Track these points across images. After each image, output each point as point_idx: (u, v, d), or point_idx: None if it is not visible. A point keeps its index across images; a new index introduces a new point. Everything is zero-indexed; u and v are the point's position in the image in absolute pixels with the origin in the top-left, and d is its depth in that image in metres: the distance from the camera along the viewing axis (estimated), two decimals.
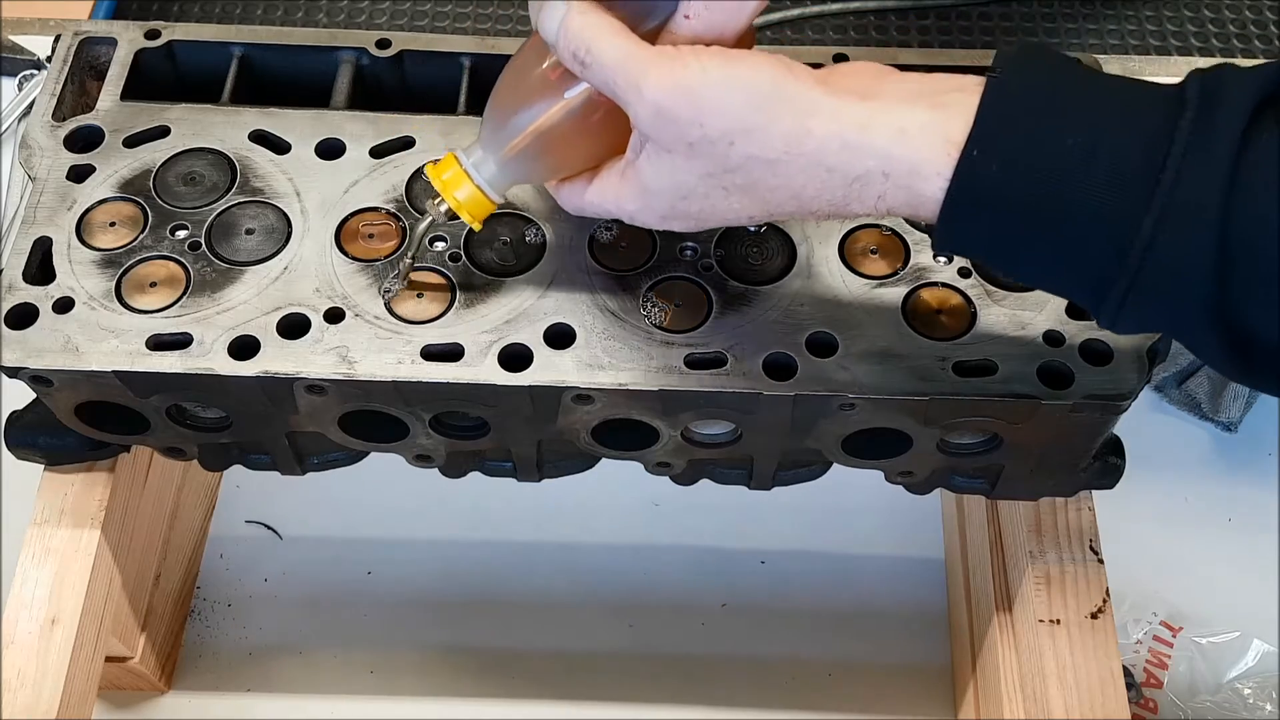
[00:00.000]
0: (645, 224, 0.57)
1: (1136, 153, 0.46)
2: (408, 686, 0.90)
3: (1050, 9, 1.23)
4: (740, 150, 0.51)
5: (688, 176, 0.53)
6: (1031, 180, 0.47)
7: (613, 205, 0.57)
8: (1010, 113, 0.48)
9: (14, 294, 0.65)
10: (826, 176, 0.51)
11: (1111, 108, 0.47)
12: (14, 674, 0.70)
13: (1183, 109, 0.46)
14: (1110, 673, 0.71)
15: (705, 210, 0.54)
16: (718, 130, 0.51)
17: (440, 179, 0.61)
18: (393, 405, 0.66)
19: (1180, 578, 0.91)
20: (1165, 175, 0.45)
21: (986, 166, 0.48)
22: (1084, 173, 0.46)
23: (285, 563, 0.95)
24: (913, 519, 0.95)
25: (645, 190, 0.55)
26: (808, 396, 0.63)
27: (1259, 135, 0.45)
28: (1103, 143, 0.46)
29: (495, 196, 0.61)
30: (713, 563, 0.95)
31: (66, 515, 0.74)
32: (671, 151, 0.52)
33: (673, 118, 0.51)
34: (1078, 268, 0.48)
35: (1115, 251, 0.46)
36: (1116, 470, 0.72)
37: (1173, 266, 0.46)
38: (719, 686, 0.90)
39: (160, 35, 0.75)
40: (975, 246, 0.52)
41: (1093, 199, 0.46)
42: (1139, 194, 0.45)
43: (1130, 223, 0.46)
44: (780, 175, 0.51)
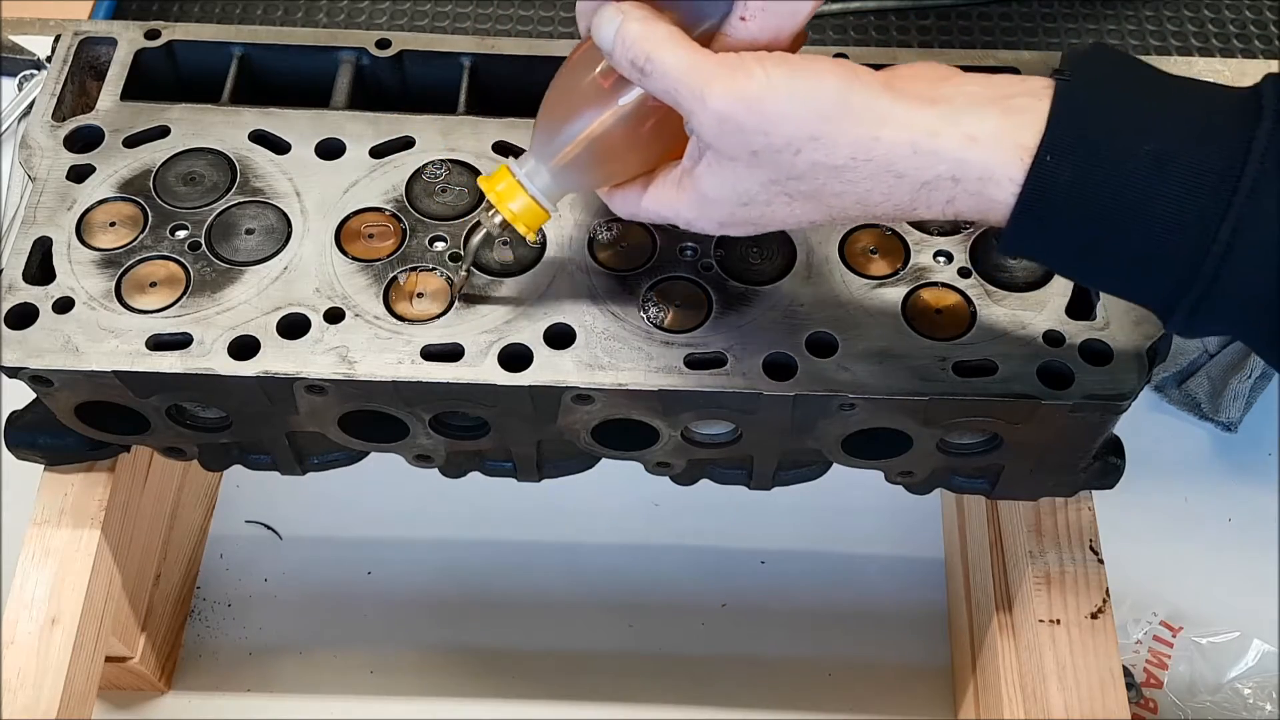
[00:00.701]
0: (703, 230, 0.56)
1: (1213, 161, 0.46)
2: (408, 686, 0.90)
3: (1050, 9, 1.23)
4: (806, 158, 0.50)
5: (750, 185, 0.52)
6: (1106, 187, 0.47)
7: (669, 212, 0.57)
8: (1084, 118, 0.48)
9: (14, 294, 0.65)
10: (895, 182, 0.50)
11: (1186, 113, 0.47)
12: (14, 674, 0.70)
13: (1259, 117, 0.46)
14: (1110, 673, 0.71)
15: (765, 216, 0.54)
16: (783, 139, 0.50)
17: (494, 191, 0.60)
18: (393, 405, 0.66)
19: (1180, 578, 0.91)
20: (1243, 184, 0.45)
21: (1061, 172, 0.48)
22: (1160, 180, 0.46)
23: (285, 563, 0.95)
24: (913, 519, 0.95)
25: (704, 199, 0.54)
26: (808, 396, 0.63)
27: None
28: (1179, 150, 0.46)
29: (549, 206, 0.60)
30: (713, 563, 0.95)
31: (66, 515, 0.74)
32: (735, 160, 0.52)
33: (738, 127, 0.50)
34: (1151, 275, 0.48)
35: (1191, 259, 0.46)
36: (1116, 470, 0.72)
37: (1249, 276, 0.46)
38: (719, 686, 0.90)
39: (160, 35, 0.75)
40: (1045, 252, 0.51)
41: (1169, 207, 0.46)
42: (1216, 202, 0.45)
43: (1207, 231, 0.46)
44: (846, 182, 0.51)
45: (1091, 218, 0.48)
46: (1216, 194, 0.45)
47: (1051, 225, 0.49)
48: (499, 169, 0.60)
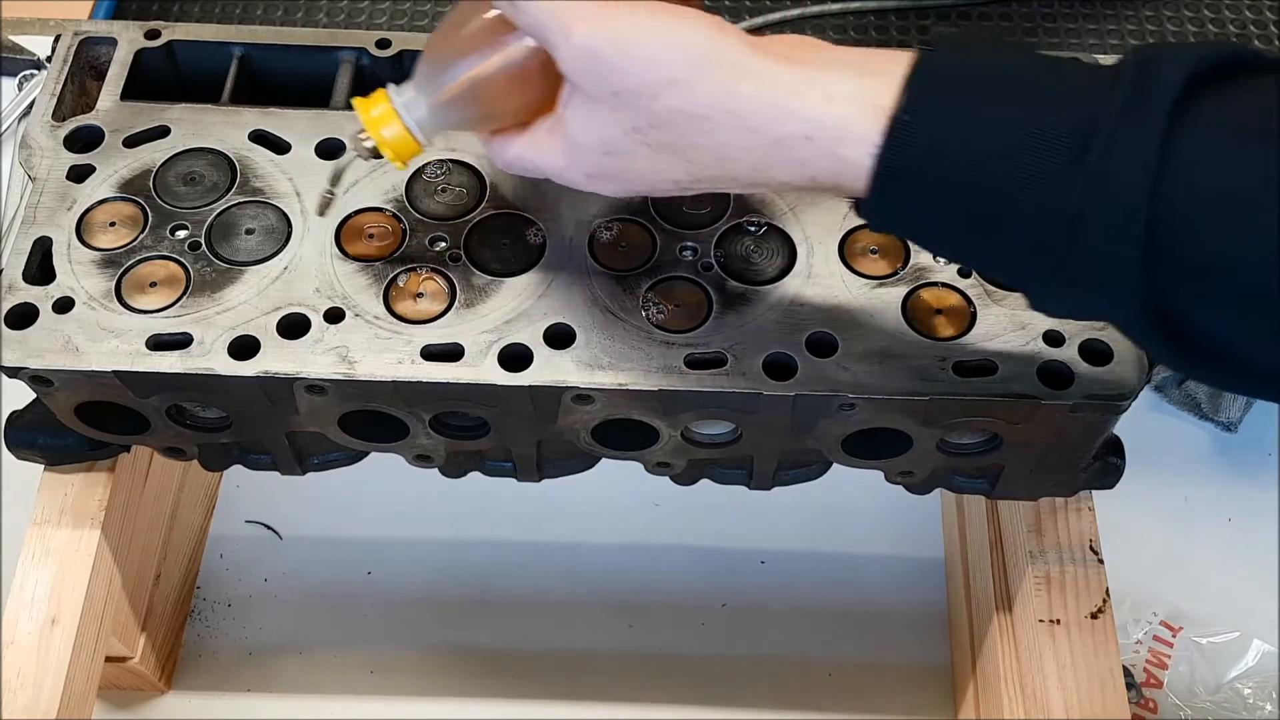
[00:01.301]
0: (572, 183, 0.57)
1: (1069, 126, 0.45)
2: (408, 686, 0.90)
3: (1050, 9, 1.23)
4: (665, 103, 0.51)
5: (613, 130, 0.53)
6: (964, 150, 0.47)
7: (541, 160, 0.57)
8: (946, 83, 0.48)
9: (14, 294, 0.65)
10: (750, 137, 0.50)
11: (1048, 82, 0.47)
12: (14, 674, 0.70)
13: (1116, 85, 0.45)
14: (1110, 673, 0.71)
15: (631, 169, 0.54)
16: (644, 81, 0.50)
17: (368, 114, 0.59)
18: (393, 405, 0.66)
19: (1180, 578, 0.91)
20: (1095, 145, 0.44)
21: (921, 134, 0.47)
22: (1018, 144, 0.46)
23: (285, 563, 0.95)
24: (913, 519, 0.95)
25: (572, 144, 0.55)
26: (808, 396, 0.63)
27: (1185, 119, 0.44)
28: (1037, 116, 0.46)
29: (423, 139, 0.60)
30: (713, 563, 0.95)
31: (66, 515, 0.74)
32: (598, 101, 0.52)
33: (600, 64, 0.51)
34: (1008, 241, 0.47)
35: (1044, 222, 0.45)
36: (1116, 470, 0.72)
37: (1101, 244, 0.45)
38: (719, 686, 0.90)
39: (160, 35, 0.75)
40: (905, 220, 0.51)
41: (1024, 169, 0.45)
42: (1069, 165, 0.45)
43: (1059, 194, 0.45)
44: (704, 133, 0.51)
45: (952, 182, 0.47)
46: (1070, 156, 0.45)
47: (912, 189, 0.49)
48: (378, 91, 0.60)
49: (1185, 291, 0.45)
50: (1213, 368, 0.48)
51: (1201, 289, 0.44)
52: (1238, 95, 0.44)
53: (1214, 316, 0.45)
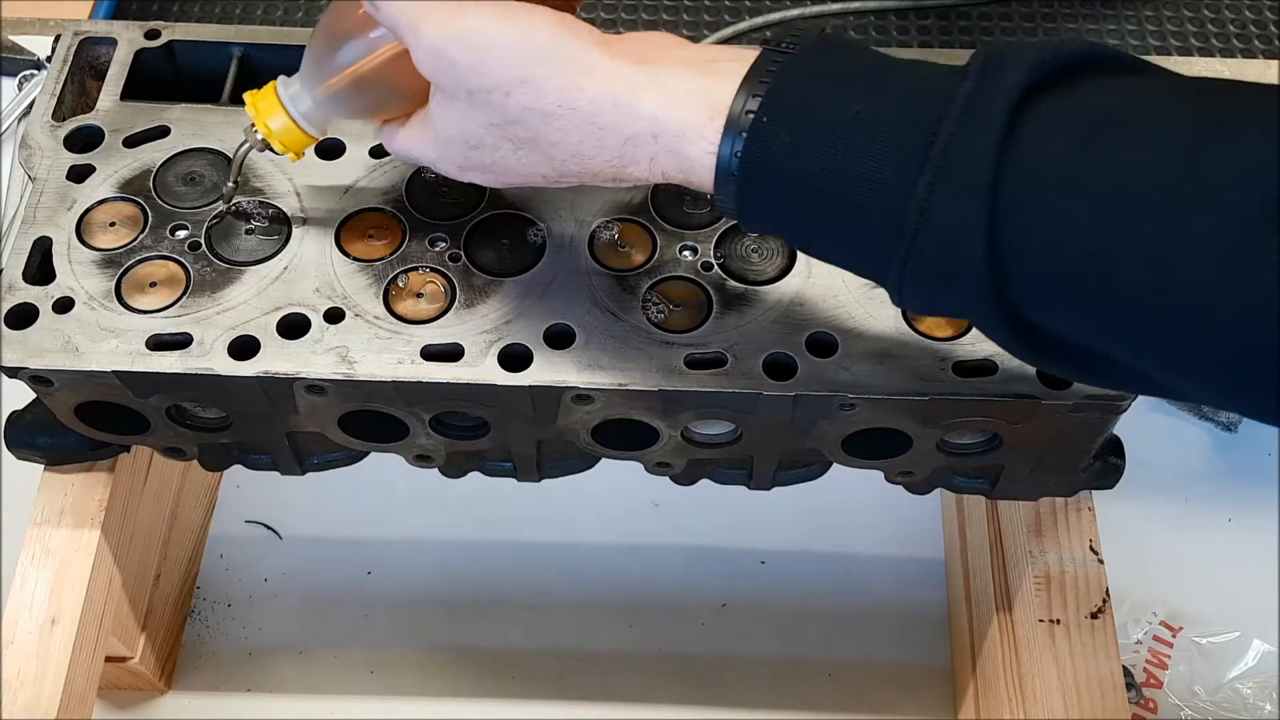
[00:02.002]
0: (448, 174, 0.58)
1: (915, 120, 0.45)
2: (408, 686, 0.90)
3: (1050, 9, 1.23)
4: (516, 101, 0.52)
5: (474, 126, 0.54)
6: (815, 150, 0.47)
7: (417, 151, 0.59)
8: (794, 81, 0.48)
9: (14, 294, 0.65)
10: (600, 135, 0.52)
11: (898, 80, 0.47)
12: (14, 674, 0.70)
13: (962, 83, 0.45)
14: (1110, 673, 0.71)
15: (499, 163, 0.55)
16: (493, 80, 0.51)
17: (255, 106, 0.61)
18: (393, 405, 0.66)
19: (1180, 578, 0.91)
20: (939, 140, 0.44)
21: (776, 134, 0.48)
22: (865, 141, 0.46)
23: (285, 563, 0.95)
24: (913, 519, 0.95)
25: (439, 138, 0.56)
26: (808, 396, 0.63)
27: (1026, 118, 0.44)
28: (886, 111, 0.46)
29: (311, 130, 0.61)
30: (713, 563, 0.95)
31: (66, 515, 0.74)
32: (455, 99, 0.53)
33: (450, 63, 0.52)
34: (860, 237, 0.48)
35: (894, 219, 0.45)
36: (1116, 470, 0.72)
37: (949, 237, 0.44)
38: (719, 686, 0.90)
39: (160, 35, 0.75)
40: (759, 219, 0.51)
41: (873, 166, 0.46)
42: (916, 158, 0.45)
43: (907, 187, 0.45)
44: (557, 130, 0.52)
45: (803, 183, 0.48)
46: (915, 151, 0.45)
47: (756, 191, 0.49)
48: (268, 84, 0.61)
49: (1027, 289, 0.45)
50: (1064, 363, 0.48)
51: (1040, 287, 0.44)
52: (1080, 95, 0.44)
53: (1054, 314, 0.45)
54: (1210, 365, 0.42)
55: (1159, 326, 0.42)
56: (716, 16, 1.35)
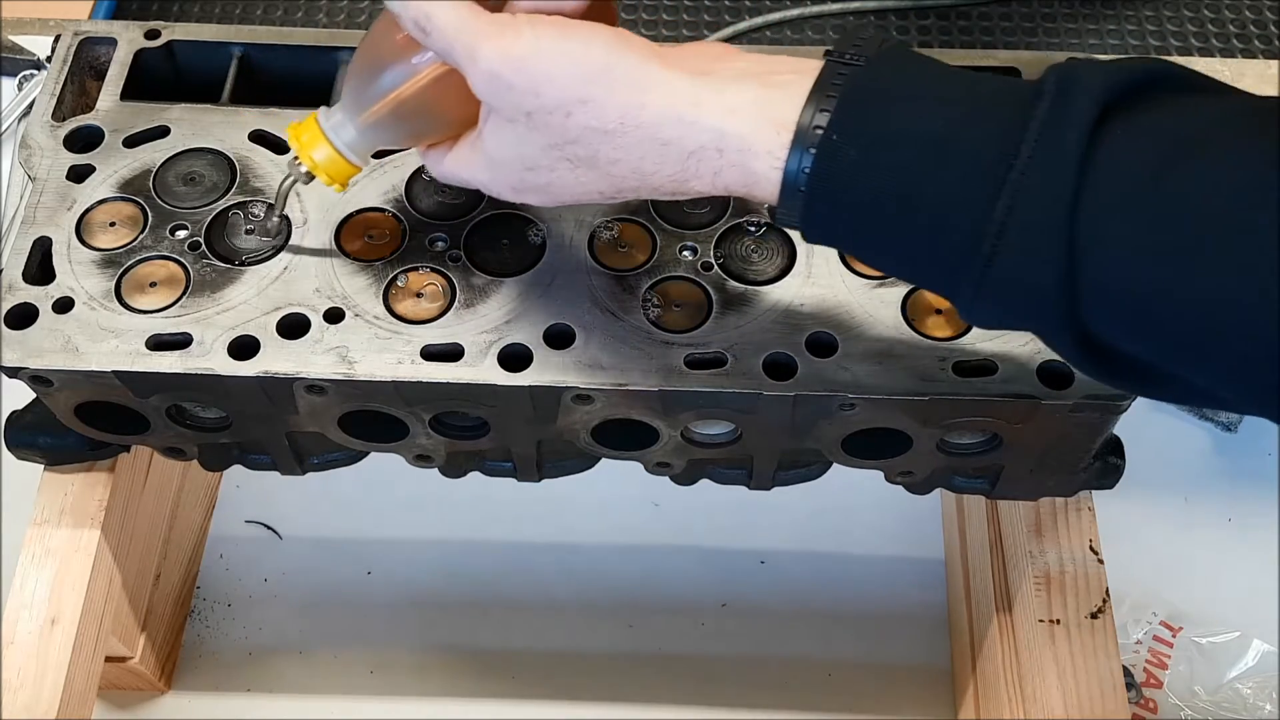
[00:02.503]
0: (500, 195, 0.57)
1: (991, 141, 0.45)
2: (408, 686, 0.90)
3: (1050, 9, 1.23)
4: (577, 121, 0.51)
5: (530, 148, 0.53)
6: (884, 168, 0.47)
7: (467, 174, 0.58)
8: (862, 96, 0.48)
9: (14, 294, 0.65)
10: (663, 151, 0.51)
11: (969, 98, 0.47)
12: (14, 674, 0.70)
13: (1039, 98, 0.45)
14: (1110, 673, 0.71)
15: (554, 183, 0.55)
16: (553, 101, 0.51)
17: (299, 139, 0.61)
18: (393, 405, 0.66)
19: (1180, 578, 0.91)
20: (1018, 163, 0.44)
21: (846, 152, 0.47)
22: (938, 160, 0.46)
23: (285, 563, 0.95)
24: (913, 519, 0.95)
25: (492, 161, 0.55)
26: (808, 396, 0.63)
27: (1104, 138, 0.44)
28: (959, 131, 0.46)
29: (355, 160, 0.61)
30: (713, 563, 0.95)
31: (66, 515, 0.74)
32: (513, 122, 0.53)
33: (508, 86, 0.51)
34: (934, 258, 0.48)
35: (969, 238, 0.45)
36: (1116, 470, 0.72)
37: (1024, 259, 0.45)
38: (719, 686, 0.90)
39: (160, 35, 0.75)
40: (828, 234, 0.51)
41: (947, 187, 0.46)
42: (993, 180, 0.45)
43: (983, 208, 0.45)
44: (619, 148, 0.52)
45: (873, 202, 0.48)
46: (992, 173, 0.45)
47: (823, 209, 0.49)
48: (310, 116, 0.61)
49: (1100, 313, 0.45)
50: (1135, 382, 0.48)
51: (1114, 312, 0.45)
52: (1155, 118, 0.44)
53: (1128, 338, 0.45)
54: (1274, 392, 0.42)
55: (1233, 354, 0.42)
56: (716, 16, 1.35)
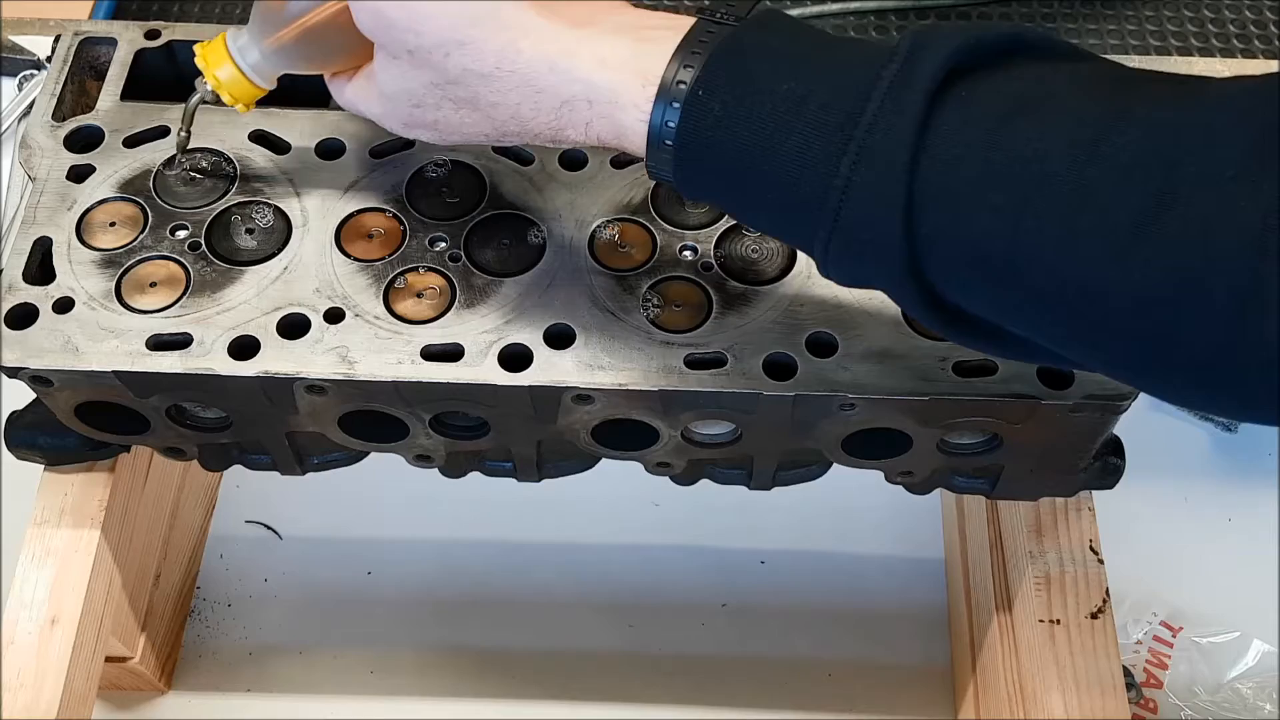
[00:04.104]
0: (393, 130, 0.59)
1: (842, 99, 0.46)
2: (408, 686, 0.90)
3: (1050, 9, 1.23)
4: (456, 62, 0.52)
5: (415, 85, 0.55)
6: (745, 125, 0.48)
7: (363, 106, 0.60)
8: (729, 55, 0.49)
9: (14, 294, 0.65)
10: (538, 98, 0.52)
11: (829, 58, 0.48)
12: (14, 674, 0.70)
13: (891, 61, 0.46)
14: (1110, 673, 0.71)
15: (441, 122, 0.56)
16: (432, 40, 0.52)
17: (204, 56, 0.62)
18: (393, 405, 0.66)
19: (1180, 578, 0.91)
20: (863, 119, 0.45)
21: (710, 108, 0.48)
22: (794, 118, 0.47)
23: (285, 563, 0.95)
24: (913, 519, 0.95)
25: (383, 95, 0.57)
26: (808, 396, 0.63)
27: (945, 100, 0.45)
28: (814, 89, 0.47)
29: (259, 81, 0.62)
30: (713, 563, 0.95)
31: (66, 515, 0.74)
32: (397, 59, 0.54)
33: (389, 22, 0.53)
34: (790, 214, 0.49)
35: (820, 193, 0.46)
36: (1116, 470, 0.72)
37: (869, 214, 0.46)
38: (719, 686, 0.90)
39: (160, 35, 0.75)
40: (692, 186, 0.52)
41: (799, 143, 0.47)
42: (841, 137, 0.46)
43: (832, 165, 0.46)
44: (496, 91, 0.53)
45: (734, 156, 0.48)
46: (840, 130, 0.46)
47: (691, 161, 0.50)
48: (219, 35, 0.62)
49: (941, 269, 0.46)
50: (979, 339, 0.49)
51: (953, 267, 0.46)
52: (998, 81, 0.45)
53: (966, 293, 0.47)
54: (1107, 345, 0.44)
55: (1060, 308, 0.44)
56: None
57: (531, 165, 0.70)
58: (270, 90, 0.63)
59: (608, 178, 0.70)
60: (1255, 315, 0.39)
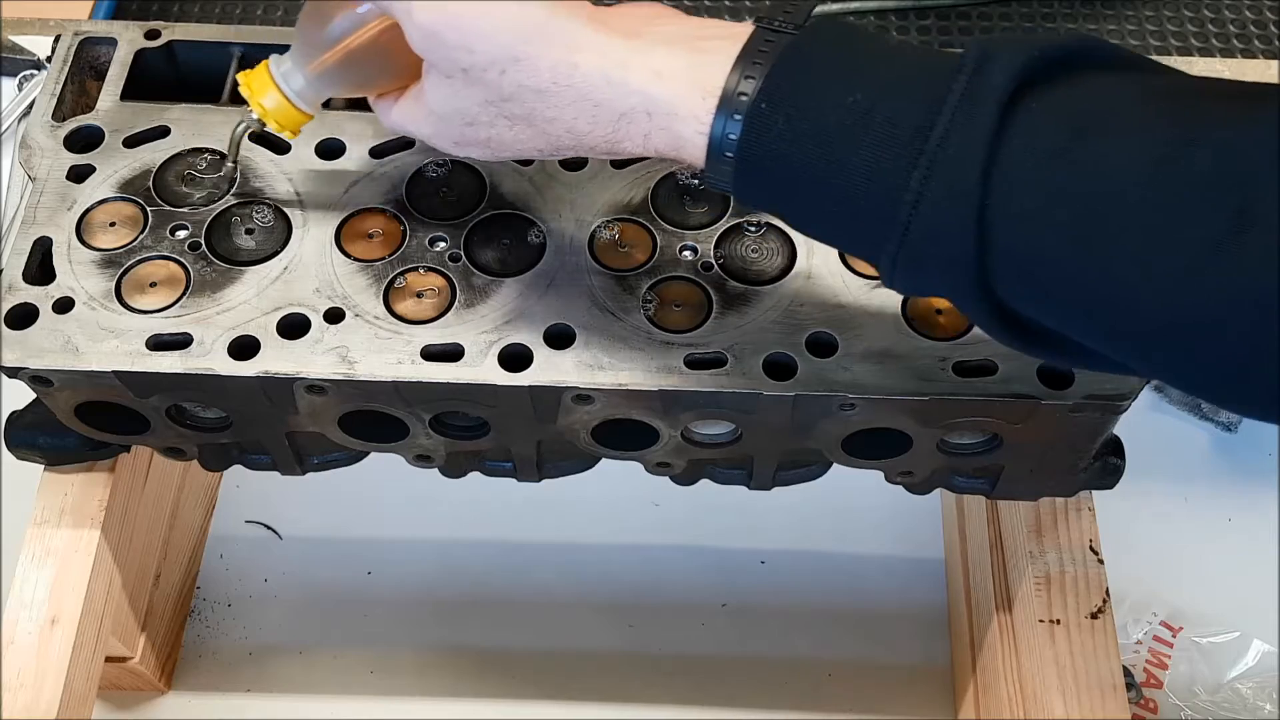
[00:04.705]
0: (444, 149, 0.58)
1: (910, 111, 0.46)
2: (408, 686, 0.90)
3: (1050, 9, 1.23)
4: (511, 79, 0.52)
5: (468, 103, 0.54)
6: (810, 136, 0.47)
7: (413, 126, 0.59)
8: (792, 66, 0.49)
9: (14, 294, 0.65)
10: (595, 111, 0.52)
11: (894, 69, 0.48)
12: (14, 674, 0.70)
13: (958, 72, 0.46)
14: (1110, 673, 0.71)
15: (494, 139, 0.56)
16: (487, 58, 0.52)
17: (251, 86, 0.62)
18: (393, 405, 0.66)
19: (1180, 578, 0.91)
20: (934, 133, 0.45)
21: (774, 120, 0.48)
22: (862, 129, 0.46)
23: (285, 563, 0.95)
24: (913, 519, 0.95)
25: (433, 114, 0.57)
26: (808, 396, 0.63)
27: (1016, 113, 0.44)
28: (881, 102, 0.46)
29: (305, 107, 0.62)
30: (713, 563, 0.95)
31: (66, 515, 0.74)
32: (450, 77, 0.54)
33: (442, 42, 0.52)
34: (857, 225, 0.48)
35: (888, 207, 0.46)
36: (1116, 470, 0.72)
37: (939, 228, 0.45)
38: (719, 686, 0.90)
39: (160, 35, 0.75)
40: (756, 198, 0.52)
41: (868, 155, 0.46)
42: (911, 151, 0.45)
43: (902, 179, 0.46)
44: (552, 107, 0.52)
45: (800, 169, 0.48)
46: (910, 143, 0.45)
47: (753, 175, 0.50)
48: (262, 63, 0.62)
49: (1011, 283, 0.46)
50: (1049, 351, 0.49)
51: (1023, 281, 0.46)
52: (1068, 95, 0.45)
53: (1036, 307, 0.46)
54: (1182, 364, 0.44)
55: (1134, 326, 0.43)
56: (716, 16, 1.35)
57: (531, 165, 0.70)
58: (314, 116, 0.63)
59: (608, 178, 0.70)
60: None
